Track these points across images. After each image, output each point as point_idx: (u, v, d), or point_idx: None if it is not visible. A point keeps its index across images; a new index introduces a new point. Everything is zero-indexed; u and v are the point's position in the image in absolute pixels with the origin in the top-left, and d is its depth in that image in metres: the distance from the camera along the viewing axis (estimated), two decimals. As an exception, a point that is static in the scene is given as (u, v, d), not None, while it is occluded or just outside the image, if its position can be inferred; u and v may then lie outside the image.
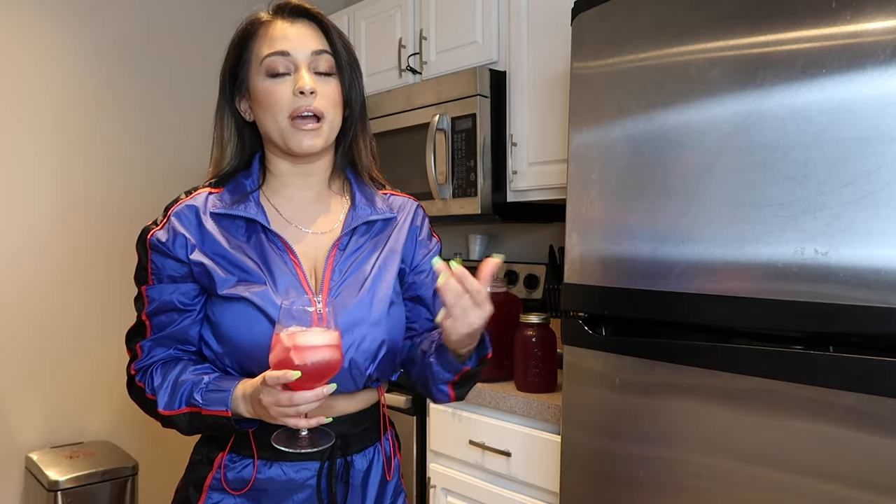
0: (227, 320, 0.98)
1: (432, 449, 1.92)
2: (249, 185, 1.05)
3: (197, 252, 0.99)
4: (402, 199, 1.16)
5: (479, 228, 2.60)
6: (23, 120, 2.41)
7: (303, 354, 0.85)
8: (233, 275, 0.99)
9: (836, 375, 1.02)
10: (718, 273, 1.15)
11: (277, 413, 0.88)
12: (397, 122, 2.28)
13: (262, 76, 1.00)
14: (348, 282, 1.02)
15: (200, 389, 0.96)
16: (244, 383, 0.95)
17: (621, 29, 1.33)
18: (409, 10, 2.36)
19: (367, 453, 1.06)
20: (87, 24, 2.53)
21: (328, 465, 1.01)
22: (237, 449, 1.01)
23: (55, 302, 2.48)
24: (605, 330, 1.38)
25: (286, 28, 1.01)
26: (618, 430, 1.32)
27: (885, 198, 0.96)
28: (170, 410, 0.98)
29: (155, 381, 1.00)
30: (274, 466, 1.00)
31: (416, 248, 1.13)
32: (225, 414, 0.94)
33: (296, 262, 1.01)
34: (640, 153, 1.28)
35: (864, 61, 0.99)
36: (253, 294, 0.97)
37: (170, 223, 1.01)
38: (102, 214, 2.58)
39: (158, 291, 1.01)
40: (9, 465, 2.39)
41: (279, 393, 0.86)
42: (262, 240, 1.02)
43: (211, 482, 1.02)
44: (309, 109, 0.99)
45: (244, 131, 1.08)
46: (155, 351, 1.02)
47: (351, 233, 1.06)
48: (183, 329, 1.02)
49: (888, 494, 0.97)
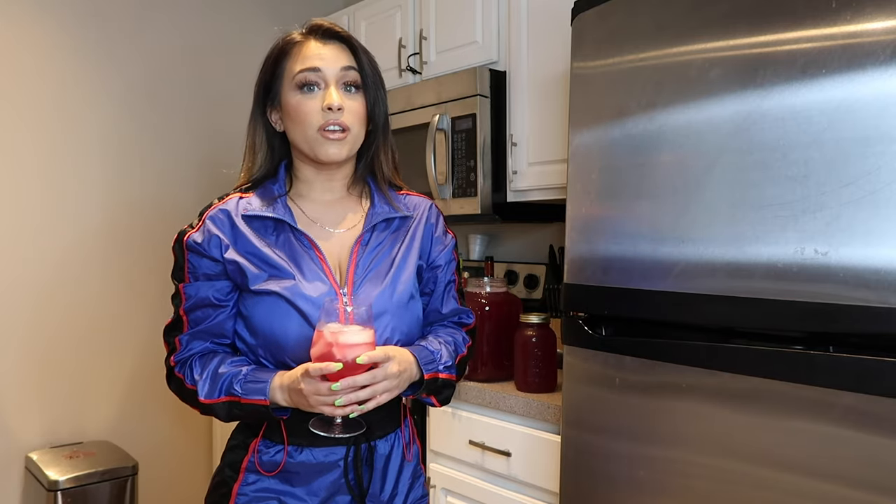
0: (259, 314, 1.08)
1: (432, 449, 1.92)
2: (277, 189, 1.15)
3: (231, 251, 1.09)
4: (418, 199, 1.25)
5: (479, 228, 2.60)
6: (23, 119, 2.41)
7: (344, 351, 0.96)
8: (264, 271, 1.08)
9: (835, 375, 1.02)
10: (718, 273, 1.15)
11: (316, 401, 0.99)
12: (397, 122, 2.28)
13: (294, 90, 1.10)
14: (371, 275, 1.12)
15: (240, 380, 1.05)
16: (281, 375, 1.04)
17: (621, 29, 1.33)
18: (409, 10, 2.36)
19: (389, 439, 1.15)
20: (87, 24, 2.53)
21: (354, 449, 1.10)
22: (269, 436, 1.10)
23: (55, 302, 2.48)
24: (605, 330, 1.38)
25: (319, 48, 1.11)
26: (618, 430, 1.33)
27: (885, 198, 0.96)
28: (210, 399, 1.07)
29: (195, 372, 1.09)
30: (304, 451, 1.09)
31: (432, 244, 1.22)
32: (263, 403, 1.03)
33: (321, 257, 1.11)
34: (640, 153, 1.28)
35: (864, 61, 0.99)
36: (283, 288, 1.06)
37: (205, 226, 1.10)
38: (104, 216, 2.58)
39: (195, 289, 1.10)
40: (9, 465, 2.39)
41: (319, 383, 0.97)
42: (290, 238, 1.11)
43: (247, 465, 1.11)
44: (337, 123, 1.08)
45: (274, 140, 1.17)
46: (193, 344, 1.11)
47: (371, 230, 1.15)
48: (218, 324, 1.11)
49: (888, 494, 0.97)
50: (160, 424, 2.67)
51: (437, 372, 1.12)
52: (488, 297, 1.90)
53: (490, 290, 1.91)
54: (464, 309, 1.27)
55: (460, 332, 1.24)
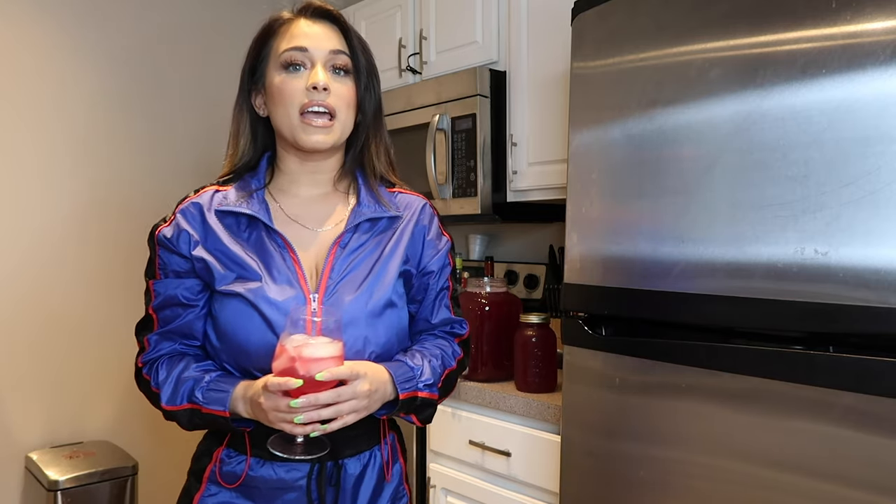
0: (224, 316, 1.01)
1: (432, 449, 1.92)
2: (255, 183, 1.07)
3: (199, 248, 1.02)
4: (410, 198, 1.16)
5: (479, 228, 2.60)
6: (23, 119, 2.41)
7: (307, 365, 0.88)
8: (231, 271, 1.01)
9: (835, 375, 1.02)
10: (718, 273, 1.15)
11: (276, 418, 0.91)
12: (397, 122, 2.28)
13: (278, 70, 1.03)
14: (346, 280, 1.03)
15: (202, 387, 0.99)
16: (245, 385, 0.97)
17: (621, 29, 1.33)
18: (409, 9, 2.36)
19: (362, 458, 1.06)
20: (86, 24, 2.53)
21: (318, 467, 1.02)
22: (234, 445, 1.04)
23: (55, 302, 2.48)
24: (605, 330, 1.38)
25: (307, 27, 1.04)
26: (618, 430, 1.32)
27: (885, 198, 0.96)
28: (172, 406, 1.01)
29: (160, 375, 1.03)
30: (266, 465, 1.02)
31: (423, 248, 1.12)
32: (223, 414, 0.97)
33: (295, 259, 1.02)
34: (640, 153, 1.28)
35: (864, 61, 0.99)
36: (247, 290, 0.99)
37: (175, 220, 1.04)
38: (104, 215, 2.58)
39: (164, 286, 1.04)
40: (9, 465, 2.39)
41: (279, 399, 0.90)
42: (262, 237, 1.04)
43: (209, 474, 1.05)
44: (321, 104, 1.00)
45: (258, 127, 1.10)
46: (161, 344, 1.06)
47: (353, 230, 1.06)
48: (187, 324, 1.04)
49: (888, 494, 0.97)
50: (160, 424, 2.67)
51: (415, 391, 1.02)
52: (488, 297, 1.90)
53: (490, 290, 1.91)
54: (457, 319, 1.16)
55: (451, 343, 1.14)
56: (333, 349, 0.91)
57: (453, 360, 1.12)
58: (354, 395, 0.93)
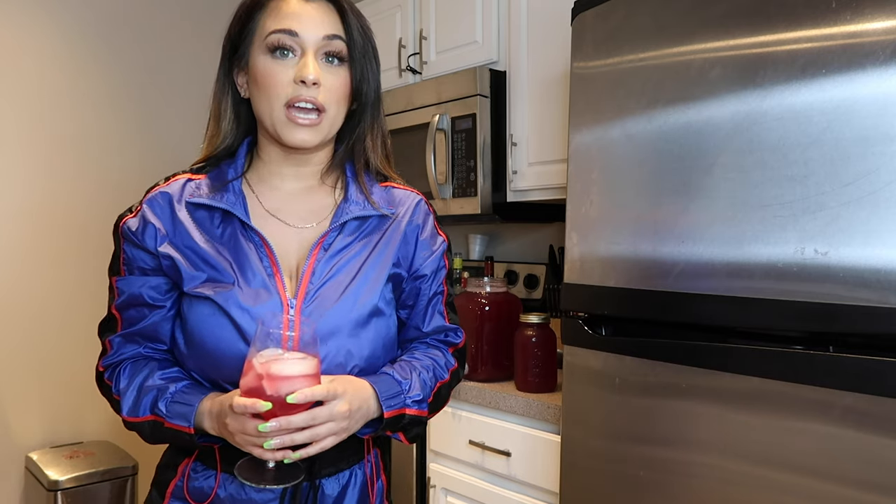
0: (193, 321, 0.91)
1: (432, 449, 1.92)
2: (231, 172, 0.96)
3: (167, 244, 0.92)
4: (404, 193, 1.05)
5: (479, 228, 2.60)
6: (9, 109, 2.40)
7: (276, 385, 0.78)
8: (202, 271, 0.91)
9: (835, 375, 1.02)
10: (718, 273, 1.15)
11: (243, 441, 0.82)
12: (397, 122, 2.28)
13: (264, 52, 0.91)
14: (328, 285, 0.93)
15: (165, 399, 0.89)
16: (212, 399, 0.88)
17: (621, 29, 1.33)
18: (409, 9, 2.36)
19: (341, 477, 0.96)
20: (67, 9, 2.53)
21: (292, 489, 0.91)
22: (203, 458, 0.94)
23: (55, 302, 2.48)
24: (605, 330, 1.38)
25: (299, 5, 0.92)
26: (618, 430, 1.32)
27: (885, 198, 0.96)
28: (133, 417, 0.92)
29: (121, 382, 0.94)
30: (235, 484, 0.92)
31: (416, 249, 1.02)
32: (187, 430, 0.87)
33: (273, 260, 0.92)
34: (640, 153, 1.28)
35: (864, 61, 0.99)
36: (218, 294, 0.89)
37: (142, 211, 0.93)
38: (101, 210, 2.58)
39: (128, 283, 0.94)
40: (9, 465, 2.39)
41: (247, 421, 0.81)
42: (237, 234, 0.93)
43: (173, 489, 0.96)
44: (309, 100, 0.90)
45: (241, 108, 0.99)
46: (124, 348, 0.96)
47: (339, 229, 0.96)
48: (152, 325, 0.94)
49: (888, 494, 0.97)
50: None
51: (402, 408, 0.92)
52: (488, 297, 1.90)
53: (490, 290, 1.91)
54: (451, 327, 1.05)
55: (445, 353, 1.04)
56: (307, 366, 0.80)
57: (446, 371, 1.02)
58: (331, 417, 0.83)
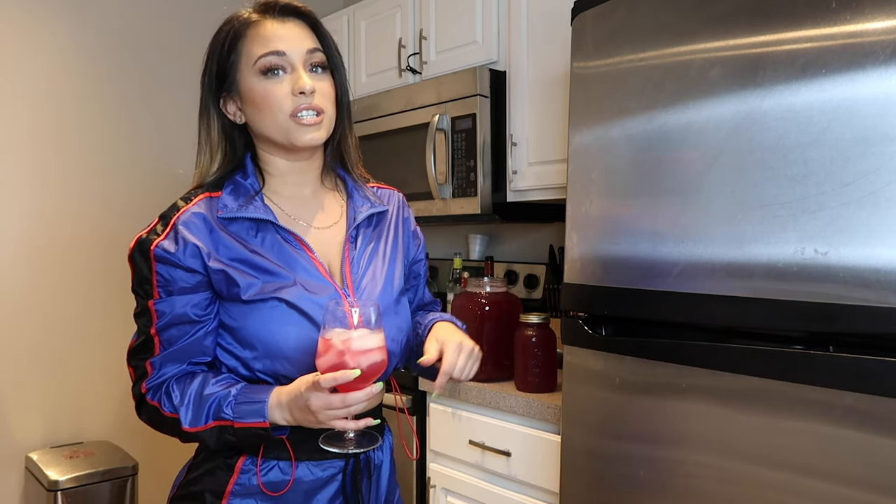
0: (254, 324, 0.97)
1: (432, 449, 1.92)
2: (251, 185, 1.04)
3: (213, 259, 0.98)
4: (388, 191, 1.20)
5: (479, 228, 2.60)
6: (20, 113, 2.40)
7: (357, 358, 0.88)
8: (256, 278, 0.98)
9: (835, 375, 1.02)
10: (718, 273, 1.15)
11: (327, 417, 0.90)
12: (397, 122, 2.28)
13: (257, 76, 0.99)
14: (367, 275, 1.06)
15: (230, 403, 0.95)
16: (278, 392, 0.95)
17: (621, 29, 1.33)
18: (409, 10, 2.36)
19: (383, 447, 1.10)
20: (74, 14, 2.53)
21: (353, 462, 1.03)
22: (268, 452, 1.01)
23: (55, 302, 2.48)
24: (605, 330, 1.38)
25: (277, 27, 1.00)
26: (618, 430, 1.32)
27: (885, 198, 0.96)
28: (195, 427, 0.96)
29: (174, 398, 0.98)
30: (300, 466, 1.01)
31: (411, 239, 1.20)
32: (262, 425, 0.94)
33: (313, 257, 1.03)
34: (640, 153, 1.28)
35: (864, 61, 0.99)
36: (284, 293, 0.97)
37: (177, 232, 0.98)
38: (102, 214, 2.58)
39: (170, 305, 0.98)
40: (9, 465, 2.39)
41: (331, 396, 0.88)
42: (276, 239, 1.02)
43: (233, 488, 1.00)
44: (310, 107, 0.99)
45: (234, 133, 1.07)
46: (166, 368, 1.00)
47: (357, 227, 1.09)
48: (197, 341, 0.99)
49: (888, 494, 0.97)
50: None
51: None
52: (488, 297, 1.90)
53: (490, 290, 1.91)
54: (436, 300, 1.31)
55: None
56: (378, 339, 0.92)
57: None
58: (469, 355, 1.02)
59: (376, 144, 2.35)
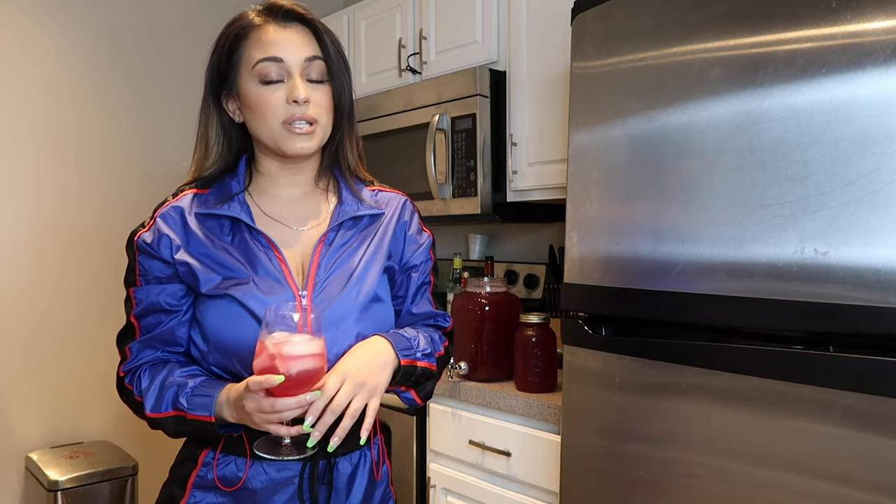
0: (211, 318, 1.00)
1: (432, 449, 1.92)
2: (235, 186, 1.06)
3: (182, 252, 1.01)
4: (390, 195, 1.17)
5: (479, 228, 2.60)
6: (15, 115, 2.40)
7: (287, 363, 0.86)
8: (217, 273, 1.00)
9: (836, 375, 1.02)
10: (718, 273, 1.15)
11: (260, 419, 0.90)
12: (397, 122, 2.28)
13: (254, 82, 1.00)
14: (334, 276, 1.04)
15: (186, 393, 0.97)
16: (229, 389, 0.96)
17: (621, 29, 1.33)
18: (409, 9, 2.36)
19: (352, 457, 1.06)
20: (71, 16, 2.53)
21: (310, 466, 1.01)
22: (227, 447, 1.02)
23: (55, 302, 2.48)
24: (605, 330, 1.38)
25: (279, 33, 1.01)
26: (618, 430, 1.32)
27: (885, 198, 0.96)
28: (156, 413, 1.00)
29: (143, 383, 1.02)
30: (255, 466, 1.01)
31: (405, 244, 1.14)
32: (208, 419, 0.96)
33: (280, 258, 1.02)
34: (640, 153, 1.28)
35: (864, 61, 0.99)
36: (236, 291, 0.99)
37: (156, 225, 1.03)
38: (100, 214, 2.58)
39: (146, 293, 1.03)
40: (9, 465, 2.39)
41: (262, 399, 0.88)
42: (245, 238, 1.03)
43: (195, 480, 1.03)
44: (303, 118, 1.00)
45: (232, 132, 1.08)
46: (143, 353, 1.04)
47: (337, 227, 1.07)
48: (169, 330, 1.03)
49: (888, 494, 0.97)
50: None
51: (413, 360, 1.04)
52: (488, 297, 1.90)
53: (490, 290, 1.91)
54: (440, 312, 1.18)
55: (437, 332, 1.16)
56: (315, 346, 0.89)
57: (440, 345, 1.13)
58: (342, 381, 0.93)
59: (376, 144, 2.35)
